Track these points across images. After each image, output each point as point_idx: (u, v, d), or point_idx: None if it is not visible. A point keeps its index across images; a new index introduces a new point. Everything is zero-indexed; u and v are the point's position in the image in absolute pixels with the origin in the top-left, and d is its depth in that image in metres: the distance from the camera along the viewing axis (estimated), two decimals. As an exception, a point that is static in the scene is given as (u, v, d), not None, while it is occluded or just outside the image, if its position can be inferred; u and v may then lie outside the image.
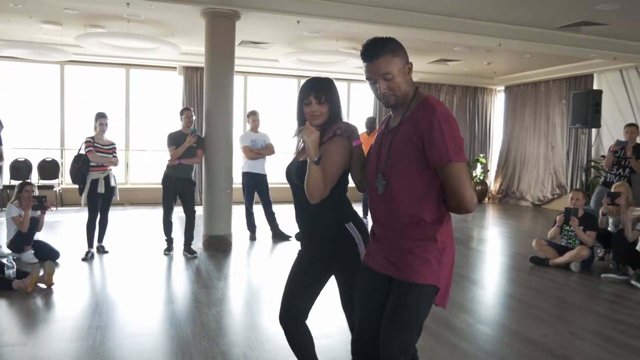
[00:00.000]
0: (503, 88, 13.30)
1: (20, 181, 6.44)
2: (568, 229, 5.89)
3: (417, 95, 2.05)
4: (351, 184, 2.34)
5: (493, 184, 13.46)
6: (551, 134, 11.72)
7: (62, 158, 10.51)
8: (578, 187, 10.43)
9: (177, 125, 6.32)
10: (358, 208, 8.48)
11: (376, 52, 1.98)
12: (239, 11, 6.50)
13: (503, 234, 8.60)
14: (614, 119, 9.97)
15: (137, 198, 10.75)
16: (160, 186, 6.26)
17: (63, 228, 7.99)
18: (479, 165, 13.12)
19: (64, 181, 10.26)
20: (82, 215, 8.75)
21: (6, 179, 9.28)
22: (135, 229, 8.06)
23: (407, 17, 7.14)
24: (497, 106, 13.76)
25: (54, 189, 9.98)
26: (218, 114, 6.56)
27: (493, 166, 13.59)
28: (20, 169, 9.89)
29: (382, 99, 2.05)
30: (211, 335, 3.70)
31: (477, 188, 13.01)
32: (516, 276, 5.67)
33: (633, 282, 5.11)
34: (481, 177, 13.15)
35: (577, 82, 10.96)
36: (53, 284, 4.74)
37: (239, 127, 10.27)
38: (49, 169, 10.25)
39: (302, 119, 2.37)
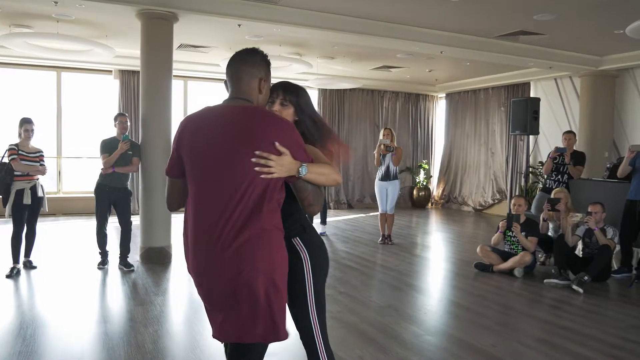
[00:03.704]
0: (444, 95, 13.54)
1: None
2: (511, 235, 5.96)
3: None
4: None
5: (436, 190, 13.65)
6: (491, 140, 12.00)
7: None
8: (517, 192, 10.70)
9: (113, 131, 5.97)
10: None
11: None
12: (176, 13, 6.22)
13: (447, 239, 8.67)
14: (551, 126, 10.31)
15: (70, 208, 10.18)
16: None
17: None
18: (421, 171, 13.27)
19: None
20: (6, 227, 8.18)
21: None
22: (66, 242, 7.57)
23: (350, 22, 7.06)
24: (438, 113, 13.98)
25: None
26: (155, 119, 6.24)
27: (435, 172, 13.78)
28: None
29: None
30: (147, 358, 3.43)
31: (420, 194, 13.16)
32: (462, 283, 5.66)
33: (574, 286, 5.19)
34: (424, 183, 13.31)
35: (514, 90, 11.27)
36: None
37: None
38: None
39: None
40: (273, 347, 2.23)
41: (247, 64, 2.04)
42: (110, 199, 5.86)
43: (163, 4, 6.07)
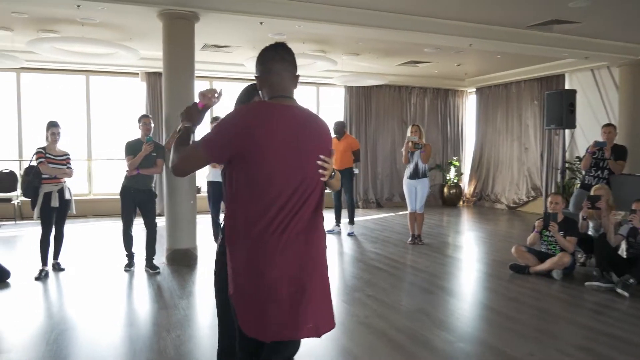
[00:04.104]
0: (474, 90, 13.17)
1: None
2: (548, 235, 5.67)
3: None
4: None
5: (467, 187, 13.30)
6: (524, 135, 11.62)
7: (20, 169, 9.96)
8: (554, 189, 10.32)
9: (139, 133, 5.94)
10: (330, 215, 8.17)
11: None
12: (197, 12, 6.14)
13: (480, 239, 8.39)
14: (588, 119, 9.89)
15: (100, 209, 10.28)
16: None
17: (20, 244, 7.51)
18: (452, 169, 12.96)
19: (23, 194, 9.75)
20: (34, 230, 8.29)
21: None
22: (95, 243, 7.59)
23: (374, 17, 6.86)
24: (468, 108, 13.63)
25: (12, 202, 9.48)
26: (178, 120, 6.15)
27: (467, 169, 13.44)
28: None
29: None
30: (167, 366, 3.34)
31: (450, 192, 12.85)
32: (496, 285, 5.41)
33: (619, 290, 4.88)
34: (455, 180, 12.99)
35: (548, 83, 10.87)
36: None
37: (199, 135, 9.89)
38: (6, 181, 9.70)
39: None
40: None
41: (286, 62, 2.07)
42: (135, 201, 5.84)
43: (183, 3, 6.00)
